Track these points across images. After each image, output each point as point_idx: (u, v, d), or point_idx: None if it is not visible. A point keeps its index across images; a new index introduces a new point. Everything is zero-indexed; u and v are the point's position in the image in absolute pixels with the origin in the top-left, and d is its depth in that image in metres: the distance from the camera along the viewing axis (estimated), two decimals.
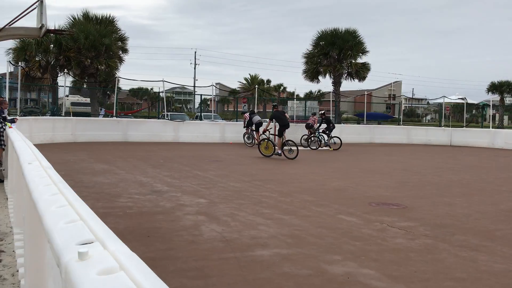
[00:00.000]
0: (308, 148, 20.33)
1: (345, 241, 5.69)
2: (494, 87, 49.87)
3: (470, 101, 42.91)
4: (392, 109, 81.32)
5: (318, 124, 21.13)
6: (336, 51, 32.08)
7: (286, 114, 17.72)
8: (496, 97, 51.09)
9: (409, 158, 17.47)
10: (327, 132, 20.84)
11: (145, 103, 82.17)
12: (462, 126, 30.74)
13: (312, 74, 33.53)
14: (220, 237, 5.65)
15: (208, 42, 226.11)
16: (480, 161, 17.06)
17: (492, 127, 30.49)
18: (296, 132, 20.62)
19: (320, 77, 33.96)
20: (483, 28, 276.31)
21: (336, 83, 32.40)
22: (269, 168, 13.06)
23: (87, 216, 1.56)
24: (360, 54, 32.37)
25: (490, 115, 40.08)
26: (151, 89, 79.50)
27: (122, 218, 6.51)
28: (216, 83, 34.80)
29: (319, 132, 20.79)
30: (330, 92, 30.81)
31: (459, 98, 38.07)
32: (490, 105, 33.08)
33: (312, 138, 20.66)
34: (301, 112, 34.48)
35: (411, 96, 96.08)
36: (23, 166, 3.05)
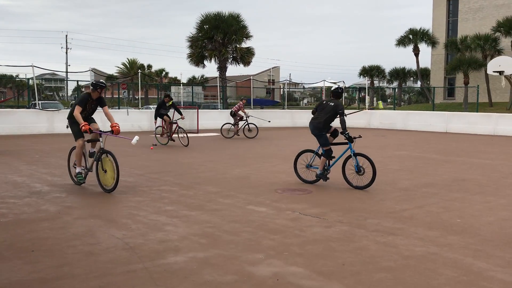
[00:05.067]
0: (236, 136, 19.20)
1: (262, 235, 5.26)
2: (365, 71, 53.51)
3: (346, 84, 45.42)
4: (272, 93, 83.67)
5: (246, 112, 19.49)
6: (221, 35, 31.61)
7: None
8: (363, 80, 54.92)
9: (298, 141, 17.73)
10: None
11: (9, 91, 74.49)
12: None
13: (197, 58, 32.71)
14: (123, 244, 4.87)
15: (77, 25, 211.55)
16: (364, 141, 17.88)
17: (367, 109, 32.54)
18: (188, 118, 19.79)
19: (205, 62, 33.29)
20: (349, 16, 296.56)
21: (222, 68, 32.02)
22: (163, 158, 12.24)
23: None
24: (244, 38, 32.31)
25: (365, 97, 42.85)
26: (17, 76, 72.12)
27: None
28: (92, 69, 32.40)
29: (247, 121, 19.32)
30: (216, 77, 30.35)
31: (333, 82, 40.03)
32: (366, 88, 35.22)
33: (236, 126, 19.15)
34: (186, 98, 33.60)
35: (289, 81, 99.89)
36: None
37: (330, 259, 4.52)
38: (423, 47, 43.62)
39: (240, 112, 19.34)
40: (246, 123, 19.38)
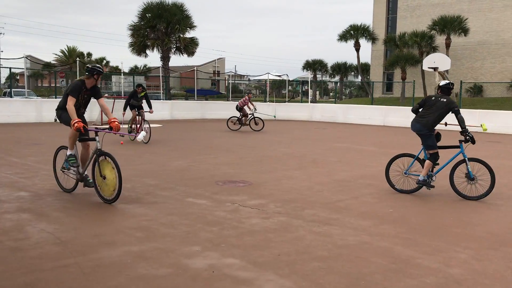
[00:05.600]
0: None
1: (200, 227, 5.23)
2: (308, 65, 54.42)
3: (290, 77, 45.98)
4: (217, 85, 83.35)
5: (252, 107, 19.03)
6: (164, 25, 31.00)
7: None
8: (306, 74, 55.83)
9: (242, 133, 17.77)
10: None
11: None
12: (285, 101, 32.74)
13: (139, 47, 31.91)
14: (53, 239, 4.68)
15: (9, 9, 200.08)
16: (306, 134, 18.22)
17: (309, 102, 33.10)
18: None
19: (148, 51, 32.56)
20: (294, 9, 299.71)
21: (165, 58, 31.43)
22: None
23: None
24: (188, 28, 31.87)
25: (309, 90, 43.60)
26: None
27: None
28: (27, 56, 30.83)
29: (253, 115, 18.99)
30: (158, 67, 29.75)
31: (277, 75, 40.47)
32: (308, 81, 35.79)
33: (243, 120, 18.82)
34: (127, 88, 32.75)
35: (234, 73, 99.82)
36: None
37: (267, 249, 4.57)
38: (364, 42, 45.00)
39: (246, 108, 18.95)
40: (252, 116, 19.17)
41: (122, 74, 29.59)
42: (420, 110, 7.44)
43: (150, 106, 14.05)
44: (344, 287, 3.72)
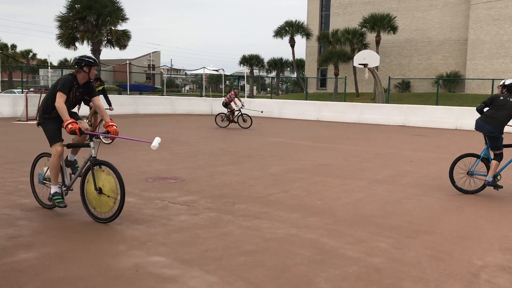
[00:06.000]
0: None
1: (127, 226, 5.09)
2: (245, 60, 54.64)
3: (226, 72, 45.90)
4: (152, 79, 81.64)
5: (240, 102, 18.65)
6: (94, 16, 29.88)
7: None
8: (243, 69, 55.98)
9: (176, 128, 17.53)
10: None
11: None
12: (221, 96, 32.61)
13: (68, 40, 30.53)
14: None
15: None
16: (241, 129, 18.27)
17: (246, 97, 33.25)
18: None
19: (77, 44, 31.21)
20: (232, 4, 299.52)
21: (96, 51, 30.30)
22: (25, 148, 11.26)
23: None
24: (120, 21, 30.91)
25: (245, 86, 43.75)
26: None
27: None
28: None
29: (240, 112, 18.54)
30: None
31: (214, 70, 40.29)
32: (244, 76, 35.92)
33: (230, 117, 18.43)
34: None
35: (170, 67, 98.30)
36: None
37: (194, 246, 4.52)
38: (299, 39, 45.74)
39: (232, 104, 18.48)
40: (240, 113, 18.67)
41: (49, 67, 28.22)
42: (485, 109, 7.14)
43: (109, 102, 12.69)
44: (269, 280, 3.76)
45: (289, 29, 43.35)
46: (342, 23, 43.72)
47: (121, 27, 31.58)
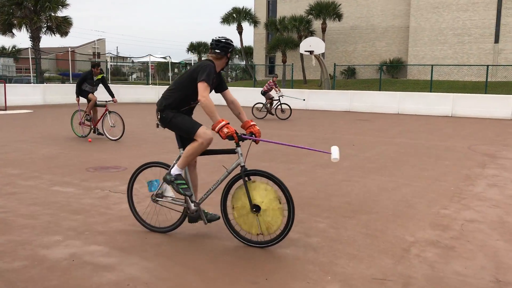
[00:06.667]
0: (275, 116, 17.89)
1: (64, 216, 4.97)
2: (193, 47, 54.00)
3: (173, 60, 45.23)
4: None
5: (279, 91, 17.92)
6: (32, 2, 28.48)
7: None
8: (191, 57, 55.40)
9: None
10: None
11: None
12: (168, 84, 32.13)
13: (4, 26, 28.96)
14: None
15: None
16: (201, 116, 18.07)
17: None
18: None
19: (14, 30, 29.70)
20: None
21: (35, 38, 28.95)
22: None
23: None
24: (60, 7, 29.65)
25: None
26: None
27: None
28: None
29: (280, 101, 17.86)
30: (28, 48, 27.37)
31: (161, 57, 39.60)
32: (191, 64, 35.48)
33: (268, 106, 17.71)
34: None
35: (116, 55, 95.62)
36: None
37: (134, 234, 4.48)
38: (247, 26, 45.64)
39: (272, 92, 17.62)
40: (279, 103, 17.91)
41: None
42: None
43: (111, 93, 11.24)
44: (207, 263, 3.80)
45: (237, 16, 43.16)
46: (289, 10, 44.02)
47: (61, 13, 30.34)
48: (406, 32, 40.10)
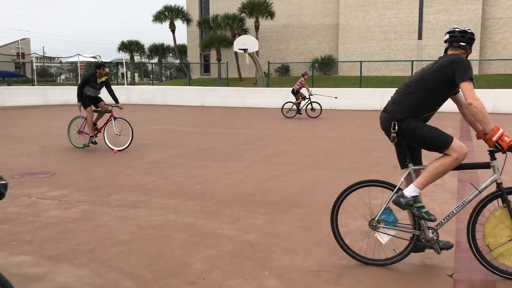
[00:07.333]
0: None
1: None
2: (124, 46, 52.48)
3: (103, 59, 43.74)
4: (22, 68, 75.05)
5: (309, 89, 17.43)
6: None
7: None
8: (123, 56, 53.96)
9: (49, 120, 16.35)
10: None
11: None
12: None
13: None
14: None
15: None
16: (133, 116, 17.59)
17: (126, 84, 32.07)
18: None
19: None
20: None
21: None
22: None
23: None
24: None
25: (124, 73, 42.18)
26: None
27: None
28: None
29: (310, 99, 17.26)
30: None
31: (91, 57, 38.20)
32: (123, 63, 34.57)
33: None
34: None
35: (42, 55, 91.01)
36: None
37: (64, 241, 4.30)
38: (179, 24, 45.11)
39: (303, 90, 17.07)
40: (309, 101, 17.29)
41: None
42: None
43: (115, 98, 9.85)
44: (143, 267, 3.71)
45: (169, 14, 42.51)
46: (222, 8, 43.94)
47: None
48: (336, 30, 41.28)
